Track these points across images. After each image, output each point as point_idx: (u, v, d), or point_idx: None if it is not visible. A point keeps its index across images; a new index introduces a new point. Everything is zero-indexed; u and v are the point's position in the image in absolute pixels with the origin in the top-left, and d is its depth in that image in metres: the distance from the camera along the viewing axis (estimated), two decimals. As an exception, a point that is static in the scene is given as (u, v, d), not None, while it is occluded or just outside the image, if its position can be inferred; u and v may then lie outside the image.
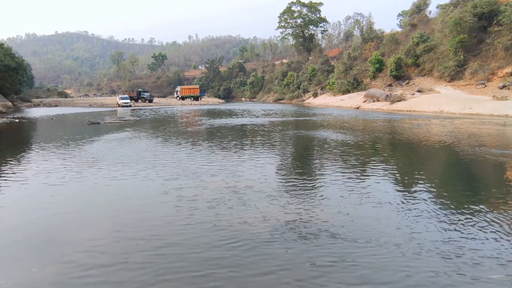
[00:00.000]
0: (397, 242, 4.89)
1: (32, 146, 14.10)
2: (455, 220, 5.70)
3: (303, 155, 12.45)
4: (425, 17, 53.87)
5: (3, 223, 5.76)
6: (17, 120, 25.59)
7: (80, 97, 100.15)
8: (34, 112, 36.06)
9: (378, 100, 41.08)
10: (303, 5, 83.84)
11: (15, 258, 4.59)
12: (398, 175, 9.00)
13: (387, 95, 40.15)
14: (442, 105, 32.50)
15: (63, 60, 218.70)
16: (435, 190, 7.61)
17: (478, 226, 5.42)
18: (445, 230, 5.30)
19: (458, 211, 6.14)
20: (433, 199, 6.85)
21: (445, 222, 5.63)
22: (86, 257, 4.51)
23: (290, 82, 73.83)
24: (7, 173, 9.05)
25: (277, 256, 4.53)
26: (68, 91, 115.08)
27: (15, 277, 4.12)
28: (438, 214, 5.97)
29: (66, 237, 5.21)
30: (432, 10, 58.12)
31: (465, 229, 5.32)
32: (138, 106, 50.98)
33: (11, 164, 10.33)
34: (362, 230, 5.31)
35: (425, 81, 43.06)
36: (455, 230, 5.31)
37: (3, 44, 52.47)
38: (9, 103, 41.79)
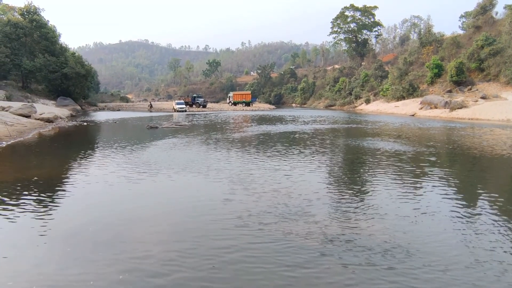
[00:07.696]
0: (460, 263, 4.80)
1: (100, 148, 15.43)
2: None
3: (356, 166, 12.27)
4: (491, 19, 50.17)
5: (72, 221, 6.45)
6: (85, 123, 28.00)
7: (140, 101, 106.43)
8: (100, 116, 39.11)
9: (436, 107, 39.01)
10: (357, 9, 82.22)
11: (91, 255, 5.11)
12: (458, 189, 8.62)
13: (447, 101, 37.97)
14: (510, 113, 30.08)
15: (125, 67, 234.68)
16: (501, 206, 7.23)
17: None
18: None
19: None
20: (498, 215, 6.54)
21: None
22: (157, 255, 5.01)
23: (342, 88, 72.46)
24: (75, 172, 10.08)
25: (329, 270, 4.57)
26: (129, 96, 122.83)
27: (105, 277, 4.61)
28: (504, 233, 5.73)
29: (133, 234, 5.78)
30: (498, 10, 54.01)
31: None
32: (193, 111, 53.08)
33: (78, 164, 11.48)
34: (422, 247, 5.21)
35: (490, 87, 40.09)
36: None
37: (74, 53, 57.71)
38: (78, 107, 45.71)
